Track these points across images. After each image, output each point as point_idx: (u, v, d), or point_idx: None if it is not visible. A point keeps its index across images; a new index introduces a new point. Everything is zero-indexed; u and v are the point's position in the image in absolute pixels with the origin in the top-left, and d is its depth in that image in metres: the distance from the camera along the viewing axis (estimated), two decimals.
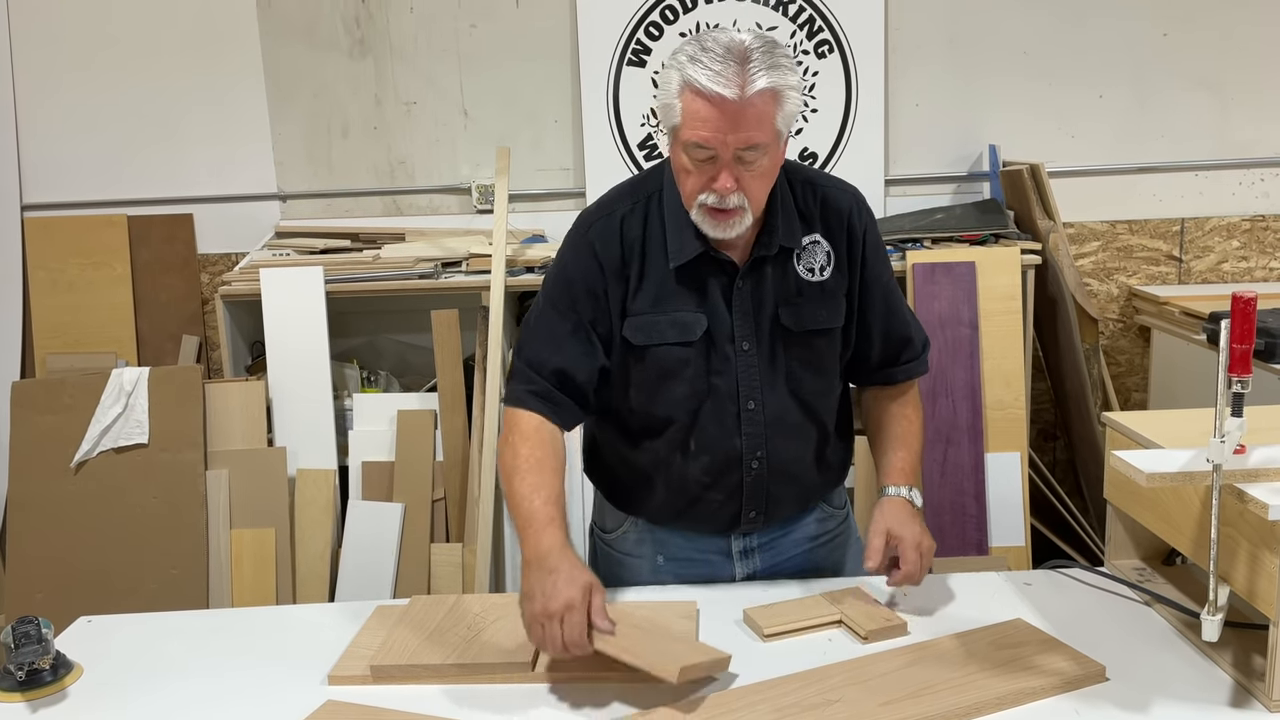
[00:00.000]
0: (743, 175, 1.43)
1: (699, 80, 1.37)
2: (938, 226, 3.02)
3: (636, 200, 1.57)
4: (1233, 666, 1.31)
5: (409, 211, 3.36)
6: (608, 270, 1.54)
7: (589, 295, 1.54)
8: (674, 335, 1.54)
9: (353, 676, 1.38)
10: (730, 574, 1.68)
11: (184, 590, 2.77)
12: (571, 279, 1.56)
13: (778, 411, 1.58)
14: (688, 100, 1.40)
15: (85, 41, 3.27)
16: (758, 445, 1.58)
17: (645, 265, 1.54)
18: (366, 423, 2.96)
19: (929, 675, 1.31)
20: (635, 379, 1.58)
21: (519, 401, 1.55)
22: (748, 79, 1.37)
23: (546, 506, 1.46)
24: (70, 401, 2.82)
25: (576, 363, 1.54)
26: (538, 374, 1.54)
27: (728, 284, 1.55)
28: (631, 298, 1.55)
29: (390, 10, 3.23)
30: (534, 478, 1.48)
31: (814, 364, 1.60)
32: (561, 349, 1.54)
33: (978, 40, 3.20)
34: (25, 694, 1.35)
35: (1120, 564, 1.62)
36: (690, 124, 1.40)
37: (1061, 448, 3.39)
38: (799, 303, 1.56)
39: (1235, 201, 3.28)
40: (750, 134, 1.39)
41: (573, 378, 1.54)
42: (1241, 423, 1.21)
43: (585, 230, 1.57)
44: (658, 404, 1.58)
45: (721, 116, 1.38)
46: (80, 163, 3.33)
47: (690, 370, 1.55)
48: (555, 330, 1.55)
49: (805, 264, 1.57)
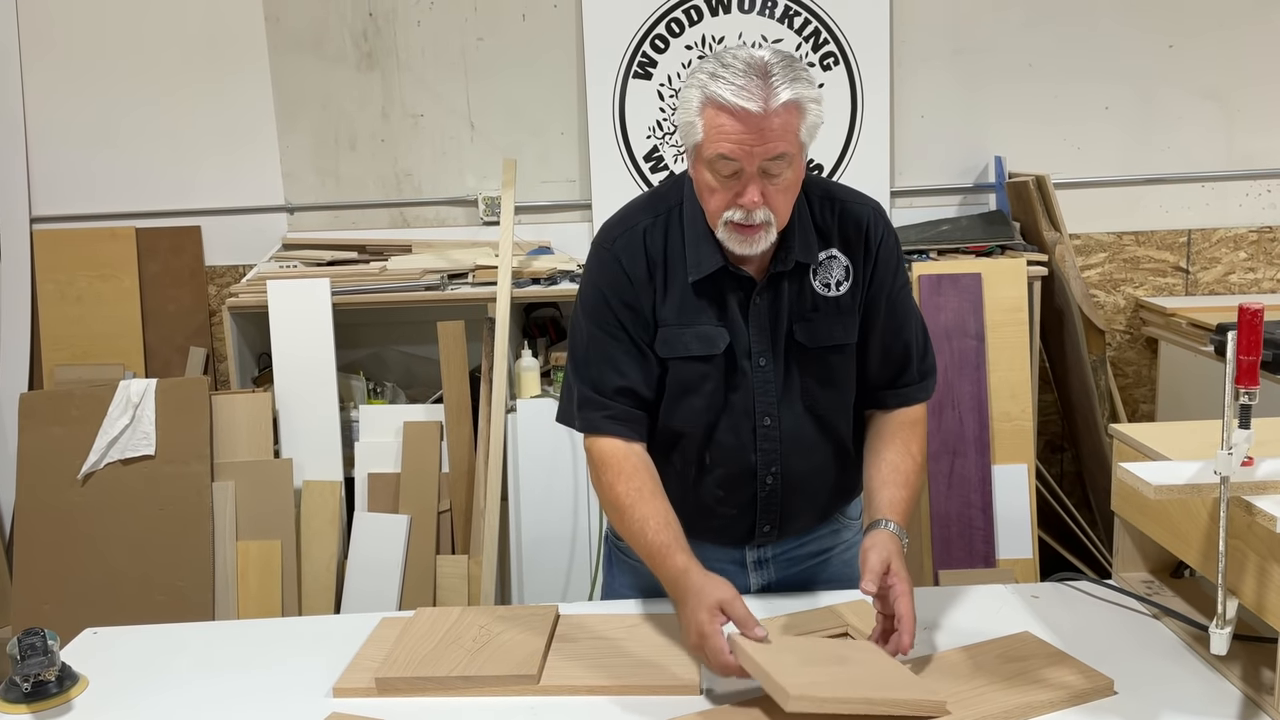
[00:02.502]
0: (768, 189, 1.43)
1: (722, 95, 1.38)
2: (943, 238, 3.02)
3: (658, 214, 1.57)
4: (1241, 680, 1.30)
5: (415, 223, 3.37)
6: (636, 282, 1.54)
7: (627, 308, 1.54)
8: (698, 348, 1.54)
9: (358, 689, 1.38)
10: (745, 585, 1.68)
11: (190, 602, 2.78)
12: (606, 296, 1.56)
13: (793, 428, 1.58)
14: (710, 116, 1.40)
15: (94, 54, 3.30)
16: (773, 461, 1.58)
17: (669, 278, 1.55)
18: (372, 434, 2.97)
19: (936, 688, 1.30)
20: (660, 393, 1.58)
21: (596, 429, 1.55)
22: (771, 92, 1.37)
23: (659, 535, 1.46)
24: (78, 413, 2.83)
25: (636, 377, 1.55)
26: (605, 397, 1.55)
27: (745, 299, 1.55)
28: (658, 309, 1.55)
29: (398, 24, 3.25)
30: (640, 510, 1.49)
31: (829, 380, 1.59)
32: (619, 367, 1.55)
33: (983, 52, 3.21)
34: (31, 706, 1.35)
35: (1128, 576, 1.62)
36: (714, 139, 1.40)
37: (1069, 459, 3.38)
38: (814, 319, 1.56)
39: (1242, 213, 3.27)
40: (775, 145, 1.39)
41: (637, 393, 1.55)
42: (1249, 435, 1.20)
43: (610, 246, 1.57)
44: (675, 416, 1.58)
45: (746, 130, 1.38)
46: (88, 175, 3.35)
47: (709, 385, 1.55)
48: (607, 350, 1.55)
49: (822, 279, 1.56)
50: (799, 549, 1.69)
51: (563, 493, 2.86)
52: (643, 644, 1.45)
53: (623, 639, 1.47)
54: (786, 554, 1.69)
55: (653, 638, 1.47)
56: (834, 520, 1.72)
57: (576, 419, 1.58)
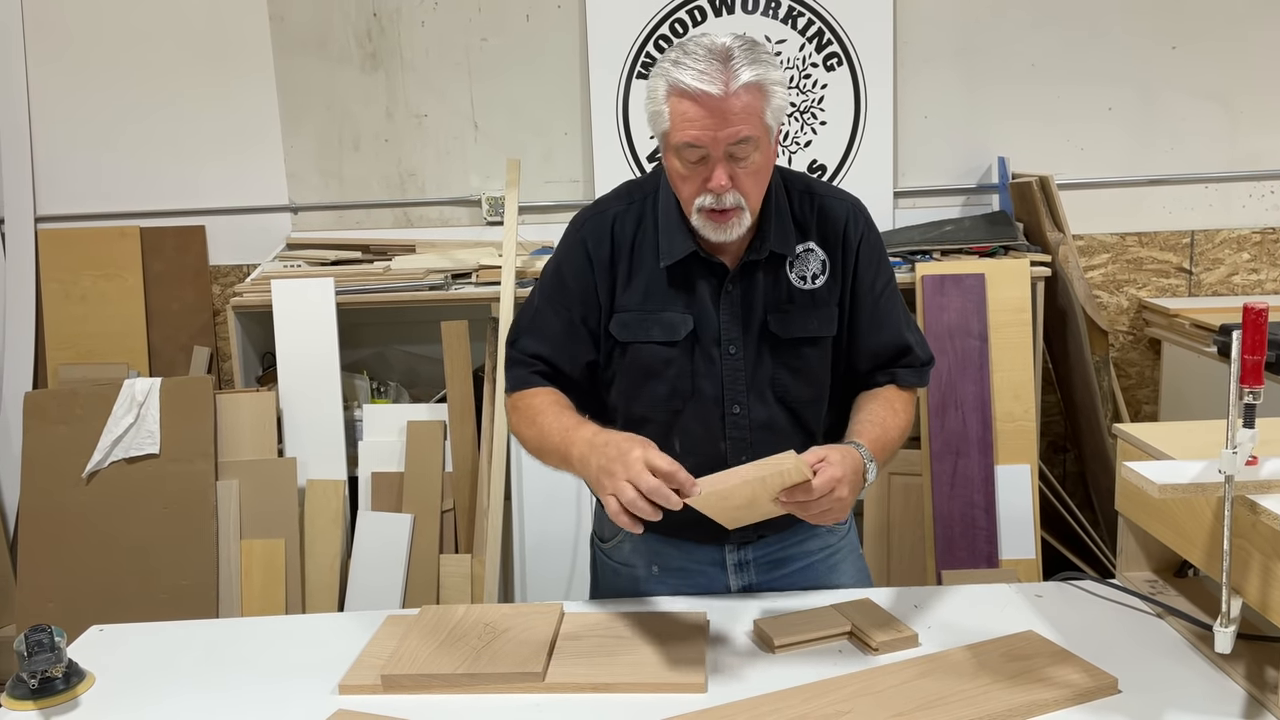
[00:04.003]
0: (736, 173, 1.44)
1: (683, 81, 1.40)
2: (947, 238, 3.02)
3: (632, 200, 1.60)
4: (1245, 679, 1.30)
5: (419, 223, 3.37)
6: (597, 266, 1.58)
7: (580, 291, 1.58)
8: (658, 334, 1.56)
9: (363, 686, 1.38)
10: (725, 586, 1.68)
11: (194, 600, 2.78)
12: (564, 275, 1.60)
13: (764, 418, 1.59)
14: (674, 103, 1.42)
15: (99, 55, 3.30)
16: (743, 450, 1.58)
17: (635, 263, 1.57)
18: (376, 433, 2.97)
19: (940, 687, 1.30)
20: (619, 376, 1.61)
21: (524, 383, 1.60)
22: (731, 75, 1.39)
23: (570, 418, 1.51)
24: (82, 412, 2.84)
25: (565, 356, 1.60)
26: (536, 359, 1.60)
27: (717, 286, 1.56)
28: (620, 294, 1.58)
29: (402, 24, 3.25)
30: (555, 410, 1.53)
31: (802, 372, 1.60)
32: (552, 343, 1.60)
33: (987, 52, 3.21)
34: (38, 702, 1.36)
35: (1132, 576, 1.62)
36: (679, 125, 1.42)
37: (1072, 460, 3.38)
38: (789, 310, 1.57)
39: (1245, 213, 3.27)
40: (738, 128, 1.40)
41: (562, 370, 1.60)
42: (1253, 434, 1.20)
43: (579, 228, 1.61)
44: (638, 401, 1.60)
45: (709, 114, 1.40)
46: (93, 175, 3.36)
47: (673, 370, 1.57)
48: (548, 325, 1.60)
49: (798, 272, 1.58)
50: (780, 552, 1.69)
51: (566, 492, 2.87)
52: (648, 642, 1.46)
53: (628, 637, 1.47)
54: (768, 556, 1.68)
55: (658, 636, 1.47)
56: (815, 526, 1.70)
57: (506, 380, 1.63)
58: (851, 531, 1.78)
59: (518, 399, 1.61)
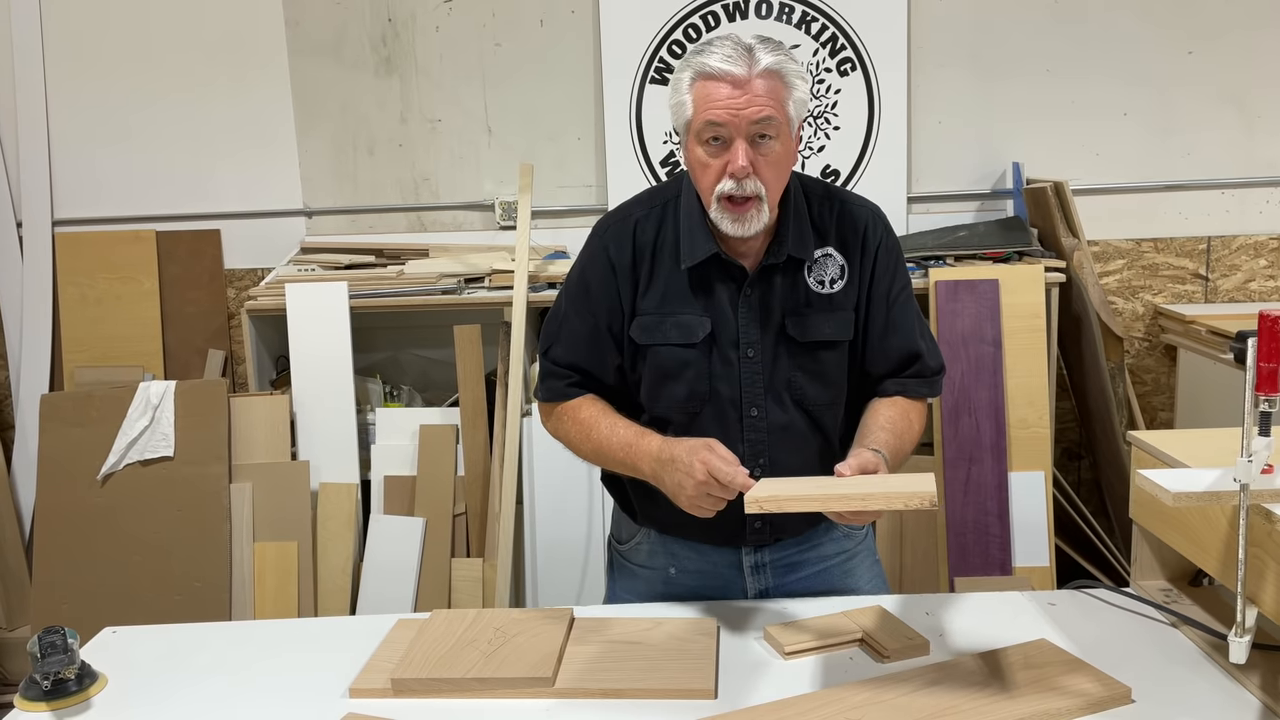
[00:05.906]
0: (757, 160, 1.46)
1: (709, 64, 1.45)
2: (961, 244, 3.01)
3: (654, 205, 1.62)
4: (1260, 689, 1.29)
5: (433, 228, 3.38)
6: (619, 272, 1.59)
7: (603, 297, 1.60)
8: (676, 336, 1.57)
9: (374, 689, 1.38)
10: (741, 588, 1.68)
11: (207, 602, 2.79)
12: (588, 281, 1.62)
13: (781, 420, 1.59)
14: (699, 88, 1.47)
15: (116, 60, 3.33)
16: (760, 452, 1.59)
17: (655, 267, 1.59)
18: (389, 437, 2.98)
19: (951, 695, 1.30)
20: (640, 378, 1.62)
21: (561, 395, 1.64)
22: (754, 60, 1.46)
23: (631, 429, 1.55)
24: (97, 414, 2.86)
25: (595, 362, 1.62)
26: (571, 370, 1.63)
27: (736, 290, 1.57)
28: (640, 298, 1.59)
29: (416, 29, 3.27)
30: (607, 421, 1.58)
31: (819, 375, 1.60)
32: (581, 350, 1.62)
33: (1001, 57, 3.20)
34: (51, 703, 1.37)
35: (1146, 584, 1.61)
36: (702, 106, 1.46)
37: (1086, 467, 3.36)
38: (806, 314, 1.58)
39: (1262, 220, 3.25)
40: (761, 108, 1.44)
41: (596, 378, 1.63)
42: (1269, 442, 1.19)
43: (601, 234, 1.63)
44: (659, 403, 1.61)
45: (732, 93, 1.44)
46: (110, 179, 3.38)
47: (691, 372, 1.58)
48: (576, 332, 1.63)
49: (816, 276, 1.59)
50: (797, 555, 1.69)
51: (578, 497, 2.87)
52: (658, 647, 1.46)
53: (638, 642, 1.47)
54: (784, 559, 1.68)
55: (668, 641, 1.47)
56: (832, 528, 1.70)
57: (540, 389, 1.66)
58: (868, 535, 1.78)
59: (563, 411, 1.64)
